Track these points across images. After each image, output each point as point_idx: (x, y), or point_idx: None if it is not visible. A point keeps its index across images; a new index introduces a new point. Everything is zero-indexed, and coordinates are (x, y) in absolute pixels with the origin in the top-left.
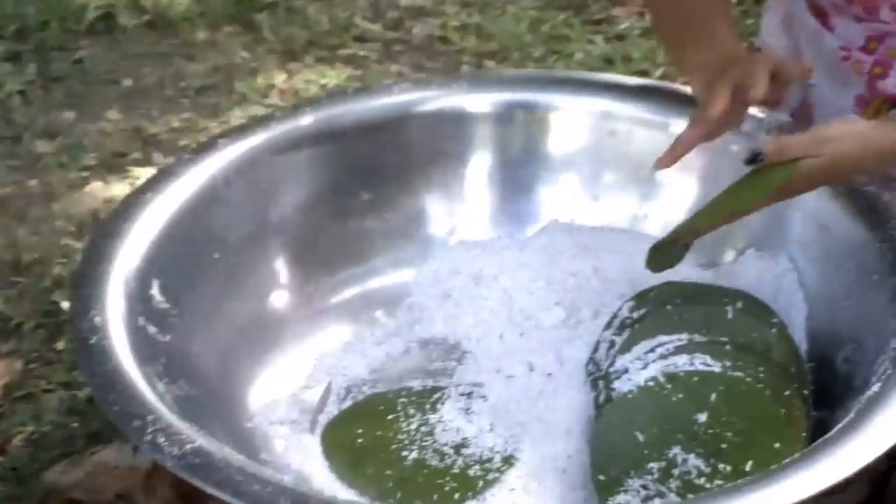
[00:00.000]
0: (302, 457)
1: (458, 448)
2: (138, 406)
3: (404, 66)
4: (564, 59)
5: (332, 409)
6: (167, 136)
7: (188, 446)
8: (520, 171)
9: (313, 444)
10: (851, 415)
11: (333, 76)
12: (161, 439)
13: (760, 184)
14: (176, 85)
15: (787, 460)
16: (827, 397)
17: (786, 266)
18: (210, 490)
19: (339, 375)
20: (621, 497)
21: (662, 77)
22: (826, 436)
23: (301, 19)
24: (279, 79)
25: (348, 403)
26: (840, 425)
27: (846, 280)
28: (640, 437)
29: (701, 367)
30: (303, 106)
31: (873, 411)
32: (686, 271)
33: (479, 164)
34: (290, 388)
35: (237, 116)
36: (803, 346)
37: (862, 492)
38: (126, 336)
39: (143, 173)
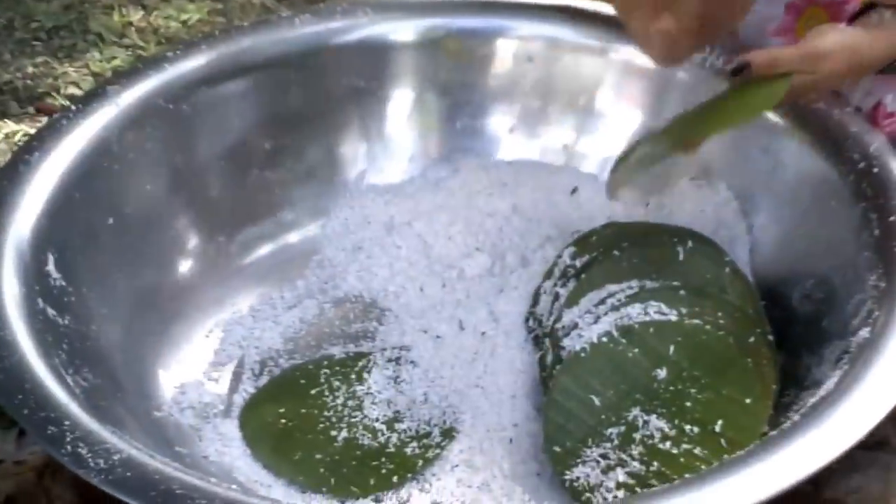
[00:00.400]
0: (220, 446)
1: (390, 423)
2: (52, 409)
3: None
4: None
5: (247, 388)
6: (22, 84)
7: (115, 457)
8: (439, 104)
9: (231, 429)
10: (844, 367)
11: (194, 10)
12: (83, 450)
13: (751, 100)
14: (27, 27)
15: (793, 419)
16: (786, 341)
17: (725, 195)
18: None
19: (252, 348)
20: (579, 469)
21: None
22: (824, 392)
23: None
24: (136, 16)
25: (265, 379)
26: (835, 380)
27: (797, 208)
28: (597, 402)
29: (657, 317)
30: (197, 43)
31: (872, 361)
32: (615, 208)
33: (394, 99)
34: (199, 367)
35: (96, 59)
36: (752, 284)
37: None
38: (26, 323)
39: (1, 126)
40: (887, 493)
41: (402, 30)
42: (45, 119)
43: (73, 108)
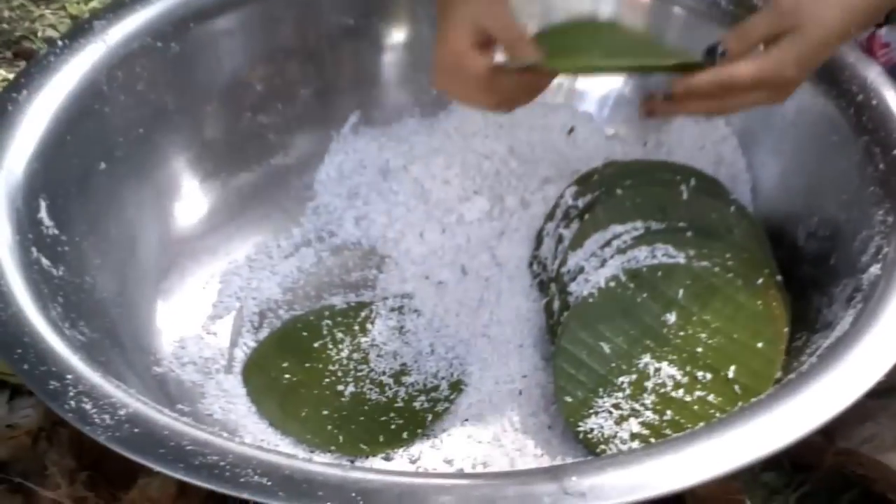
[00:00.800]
0: (224, 403)
1: (398, 376)
2: (54, 363)
3: None
4: None
5: (248, 341)
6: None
7: (122, 412)
8: (431, 44)
9: (235, 385)
10: (859, 304)
11: None
12: (87, 405)
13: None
14: None
15: (802, 370)
16: (794, 282)
17: (724, 132)
18: (157, 467)
19: (249, 299)
20: (592, 421)
21: None
22: (839, 333)
23: None
24: None
25: (265, 332)
26: (850, 319)
27: (797, 143)
28: (607, 349)
29: (664, 260)
30: None
31: (886, 297)
32: (612, 148)
33: (386, 39)
34: (198, 320)
35: (73, 1)
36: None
37: None
38: (21, 274)
39: None
40: None
41: None
42: (23, 63)
43: (60, 43)
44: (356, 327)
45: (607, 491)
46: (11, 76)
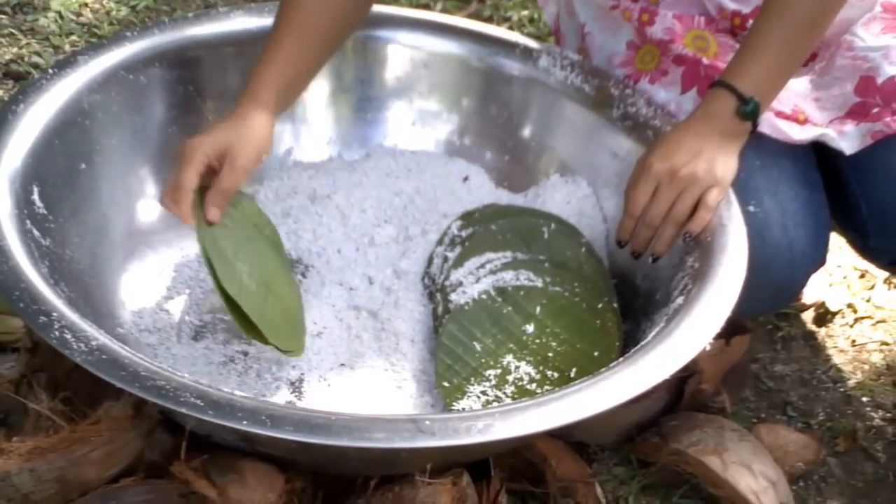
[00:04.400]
0: (172, 364)
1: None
2: (43, 304)
3: None
4: None
5: (193, 320)
6: None
7: (94, 343)
8: (351, 98)
9: (183, 353)
10: (662, 325)
11: None
12: (68, 336)
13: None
14: None
15: (611, 366)
16: (630, 311)
17: (586, 190)
18: (119, 384)
19: (197, 287)
20: (464, 402)
21: (442, 11)
22: (641, 343)
23: None
24: None
25: (208, 316)
26: (653, 334)
27: None
28: (478, 347)
29: (526, 283)
30: (151, 27)
31: (680, 321)
32: (498, 195)
33: (316, 90)
34: (153, 298)
35: (55, 34)
36: (606, 264)
37: (662, 400)
38: (18, 238)
39: None
40: (719, 447)
41: None
42: (12, 82)
43: (50, 70)
44: None
45: (449, 432)
46: (1, 93)
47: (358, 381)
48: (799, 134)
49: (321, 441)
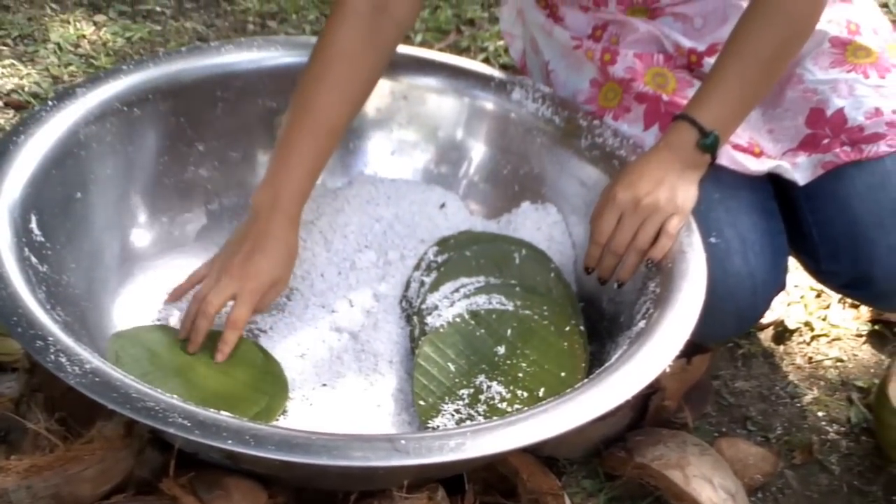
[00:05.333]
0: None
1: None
2: (39, 328)
3: (197, 23)
4: None
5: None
6: None
7: (87, 366)
8: None
9: None
10: (625, 347)
11: (137, 29)
12: (63, 359)
13: None
14: None
15: (576, 386)
16: (596, 333)
17: (556, 217)
18: (110, 406)
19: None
20: (438, 419)
21: (422, 43)
22: (605, 365)
23: None
24: (88, 31)
25: None
26: (617, 356)
27: None
28: (452, 368)
29: (498, 306)
30: (145, 61)
31: (643, 344)
32: (473, 221)
33: None
34: (145, 320)
35: (54, 64)
36: (574, 288)
37: (627, 416)
38: (17, 266)
39: None
40: (682, 461)
41: (303, 64)
42: (12, 111)
43: (50, 103)
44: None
45: (423, 451)
46: (1, 121)
47: (339, 400)
48: (755, 166)
49: (302, 460)
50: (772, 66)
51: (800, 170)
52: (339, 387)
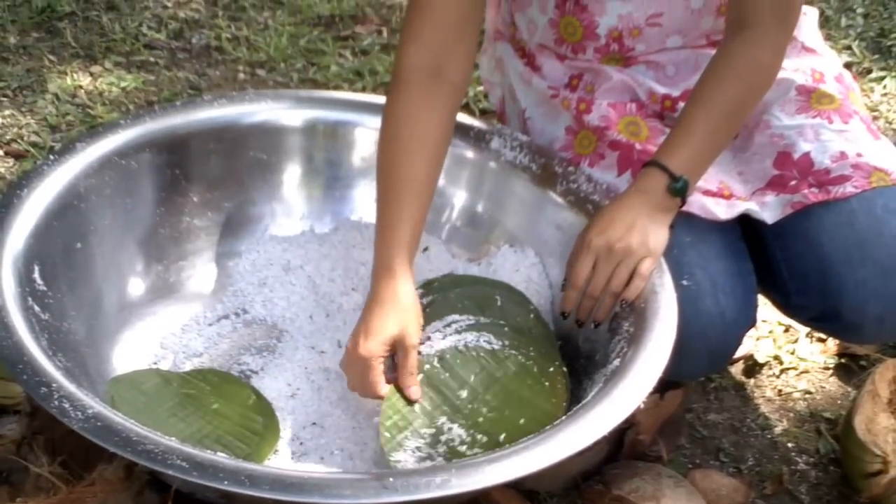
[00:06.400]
0: None
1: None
2: (43, 375)
3: (189, 72)
4: (322, 70)
5: None
6: None
7: (90, 411)
8: (322, 178)
9: None
10: (601, 385)
11: (132, 79)
12: (66, 405)
13: None
14: None
15: (556, 422)
16: (573, 370)
17: (533, 260)
18: (112, 449)
19: (181, 353)
20: (401, 454)
21: None
22: (582, 402)
23: (97, 27)
24: (85, 81)
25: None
26: (593, 393)
27: None
28: (416, 408)
29: (485, 345)
30: (142, 115)
31: (617, 382)
32: (455, 264)
33: (288, 171)
34: (143, 363)
35: (52, 114)
36: (551, 328)
37: (604, 450)
38: (21, 315)
39: None
40: (657, 493)
41: (292, 117)
42: (12, 160)
43: (51, 157)
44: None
45: (411, 488)
46: (1, 170)
47: (329, 438)
48: (724, 213)
49: (295, 499)
50: (736, 113)
51: (768, 209)
52: (328, 426)
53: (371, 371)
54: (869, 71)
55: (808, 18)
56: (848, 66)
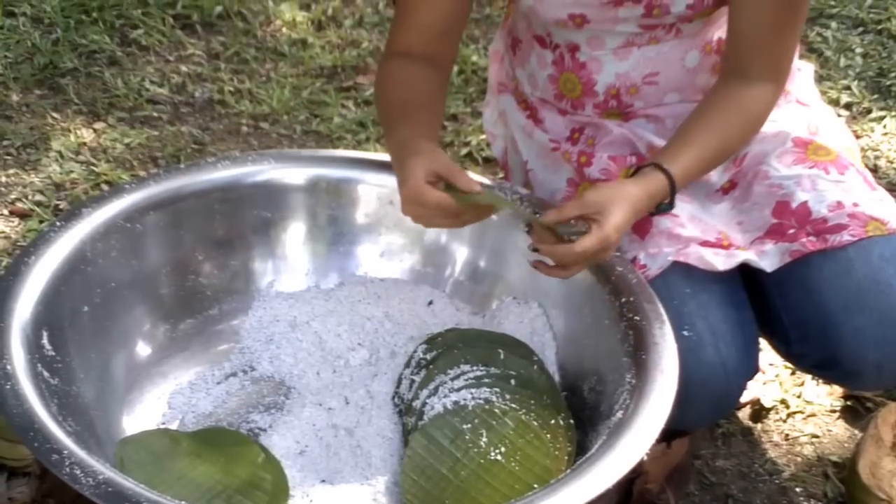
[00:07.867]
0: None
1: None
2: (54, 442)
3: (192, 127)
4: (325, 122)
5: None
6: None
7: (100, 477)
8: (326, 234)
9: None
10: (604, 437)
11: (135, 136)
12: (78, 471)
13: None
14: (0, 144)
15: (560, 477)
16: (579, 421)
17: (537, 311)
18: None
19: (190, 412)
20: None
21: None
22: (586, 455)
23: (100, 83)
24: (88, 138)
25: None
26: (597, 446)
27: (584, 323)
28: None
29: (482, 401)
30: (147, 178)
31: (621, 434)
32: (460, 317)
33: (292, 228)
34: (152, 424)
35: (56, 172)
36: (556, 379)
37: (612, 501)
38: (30, 381)
39: None
40: None
41: (295, 175)
42: (17, 219)
43: (58, 223)
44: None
45: None
46: (6, 230)
47: (337, 496)
48: (723, 264)
49: None
50: (730, 145)
51: (767, 257)
52: (337, 482)
53: (426, 197)
54: (869, 111)
55: (803, 74)
56: (847, 106)
